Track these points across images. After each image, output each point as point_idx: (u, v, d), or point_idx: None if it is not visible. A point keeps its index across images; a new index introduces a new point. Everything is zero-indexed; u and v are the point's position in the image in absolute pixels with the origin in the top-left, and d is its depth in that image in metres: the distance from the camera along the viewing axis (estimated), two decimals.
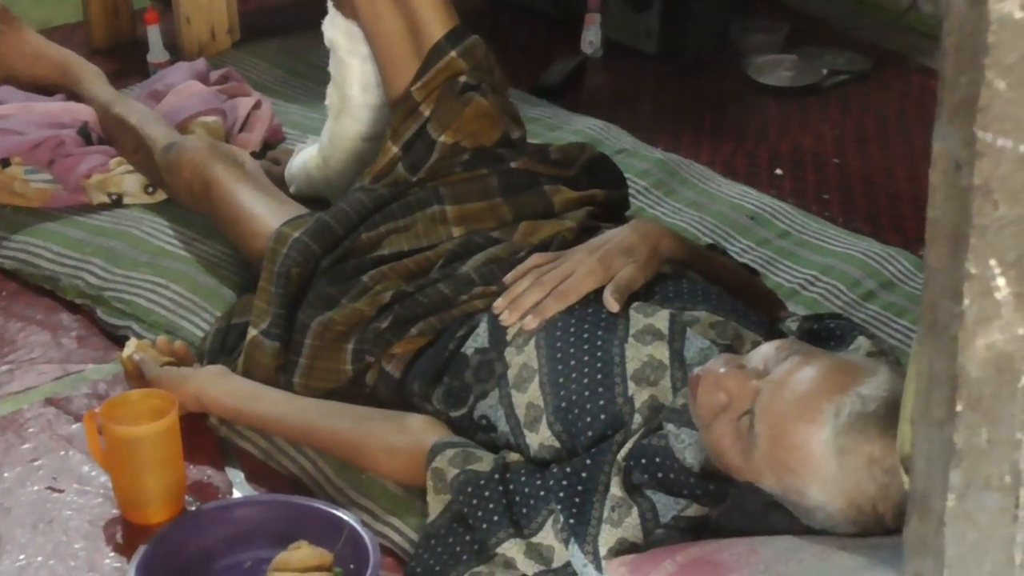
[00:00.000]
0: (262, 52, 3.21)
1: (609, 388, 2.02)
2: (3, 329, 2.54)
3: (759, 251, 2.58)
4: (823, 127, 3.05)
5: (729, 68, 3.29)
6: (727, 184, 2.84)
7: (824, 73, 3.20)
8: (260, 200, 2.54)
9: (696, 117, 3.09)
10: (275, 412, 2.22)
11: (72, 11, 3.45)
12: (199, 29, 3.22)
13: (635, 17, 3.28)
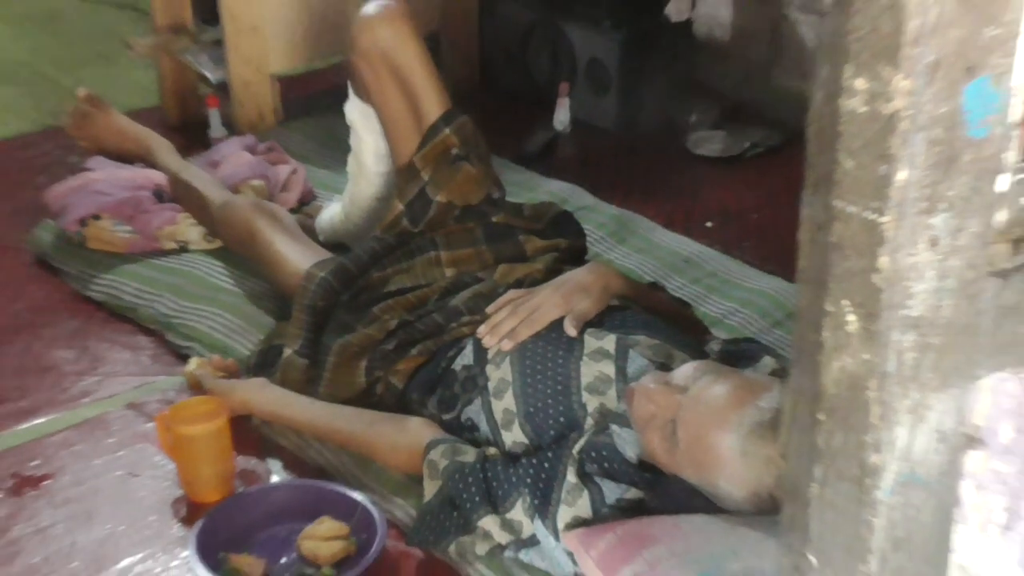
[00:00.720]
0: (298, 129, 3.23)
1: (567, 397, 2.03)
2: (94, 348, 2.54)
3: (691, 287, 2.58)
4: (744, 189, 3.06)
5: (671, 142, 3.29)
6: (668, 234, 2.84)
7: (746, 146, 3.20)
8: (293, 247, 2.54)
9: (645, 180, 3.10)
10: (304, 415, 2.23)
11: (151, 97, 3.47)
12: (249, 111, 3.23)
13: (596, 100, 3.29)
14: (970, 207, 0.97)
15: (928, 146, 0.92)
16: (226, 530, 2.00)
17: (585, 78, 3.30)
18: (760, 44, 3.41)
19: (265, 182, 2.88)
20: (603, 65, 3.25)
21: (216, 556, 1.95)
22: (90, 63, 3.74)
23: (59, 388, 2.43)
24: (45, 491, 2.17)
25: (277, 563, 1.99)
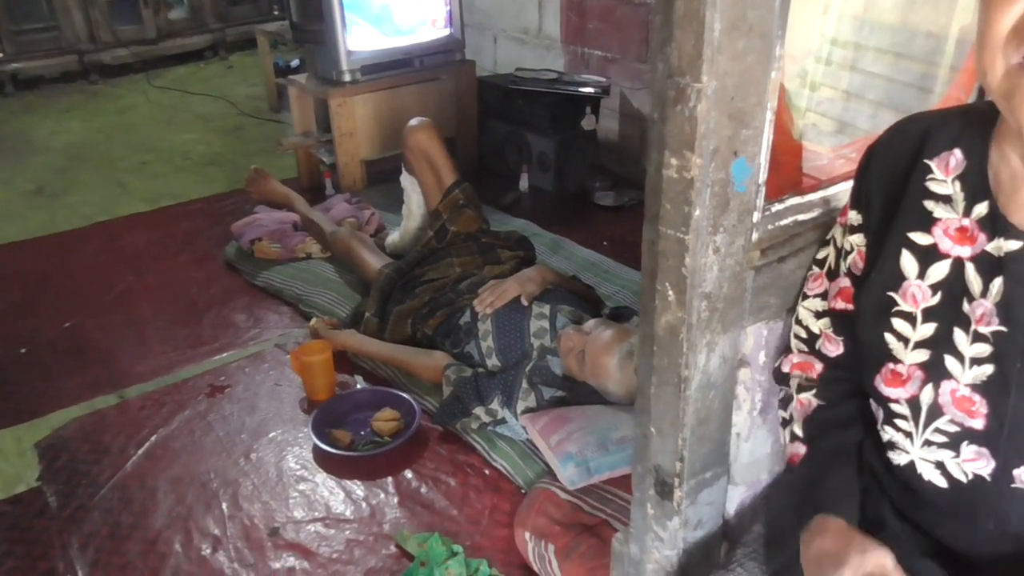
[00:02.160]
0: (376, 190, 3.17)
1: (522, 340, 2.01)
2: (257, 313, 2.51)
3: (595, 279, 2.53)
4: (624, 224, 3.00)
5: (584, 198, 3.21)
6: (582, 249, 2.79)
7: (625, 200, 3.15)
8: (371, 256, 2.50)
9: (569, 219, 3.03)
10: (376, 350, 2.21)
11: (292, 172, 3.42)
12: (348, 180, 3.19)
13: (543, 175, 3.26)
14: (738, 230, 0.96)
15: (711, 197, 0.91)
16: (330, 416, 2.00)
17: (536, 163, 3.26)
18: (634, 142, 3.39)
19: (356, 219, 2.85)
20: (547, 155, 3.21)
21: (324, 430, 1.94)
22: (260, 153, 3.70)
23: (237, 336, 2.40)
24: (227, 395, 2.14)
25: (359, 434, 1.97)
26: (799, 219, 1.04)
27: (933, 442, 0.85)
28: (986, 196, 0.81)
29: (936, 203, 0.84)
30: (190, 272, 2.76)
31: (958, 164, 0.83)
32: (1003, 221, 0.80)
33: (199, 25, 5.00)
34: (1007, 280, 0.79)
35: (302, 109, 3.34)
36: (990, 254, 0.80)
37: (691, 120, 0.85)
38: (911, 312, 0.85)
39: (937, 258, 0.84)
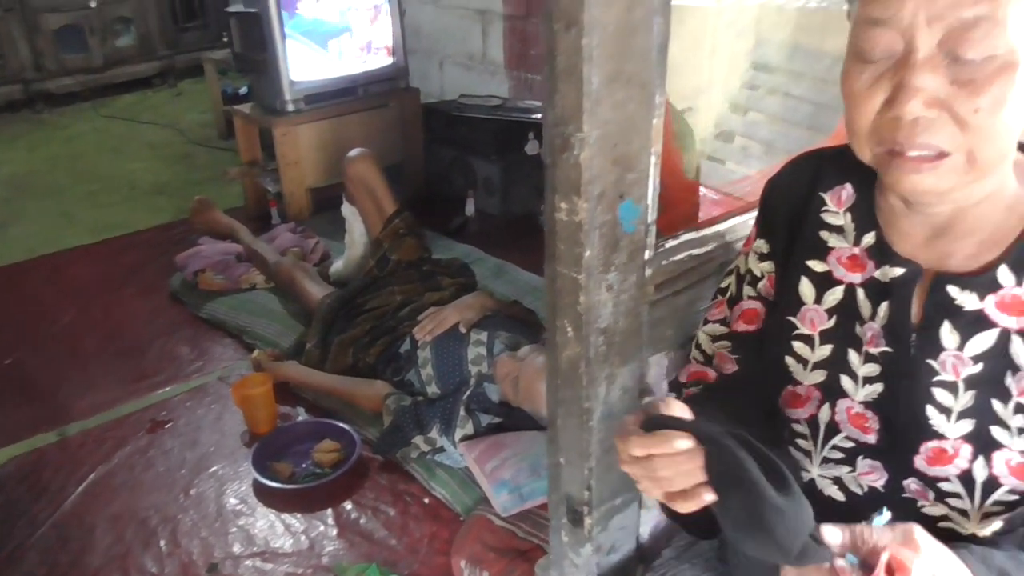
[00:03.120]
0: (321, 218, 3.15)
1: (460, 367, 2.04)
2: (201, 346, 2.51)
3: (536, 303, 2.47)
4: None
5: (528, 221, 3.15)
6: (524, 273, 2.79)
7: None
8: (314, 286, 2.52)
9: (513, 244, 3.01)
10: (318, 381, 2.21)
11: (239, 201, 3.43)
12: (293, 209, 3.19)
13: (488, 199, 3.29)
14: (629, 268, 1.00)
15: (600, 238, 0.95)
16: (271, 448, 2.01)
17: (482, 187, 3.29)
18: None
19: (300, 249, 2.87)
20: (492, 180, 3.25)
21: (264, 464, 1.95)
22: (208, 181, 3.70)
23: (180, 369, 2.39)
24: (169, 430, 2.15)
25: (299, 466, 1.98)
26: (694, 253, 1.09)
27: (831, 459, 0.90)
28: (873, 227, 0.87)
29: (830, 233, 0.90)
30: (135, 304, 2.75)
31: (849, 197, 0.89)
32: (888, 250, 0.85)
33: (147, 52, 4.98)
34: (892, 304, 0.84)
35: (247, 138, 3.35)
36: (878, 280, 0.86)
37: (576, 167, 0.89)
38: (810, 335, 0.91)
39: (832, 284, 0.89)
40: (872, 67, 0.73)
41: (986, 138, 0.71)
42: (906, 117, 0.71)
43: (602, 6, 0.82)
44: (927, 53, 0.70)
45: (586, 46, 0.83)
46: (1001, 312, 0.79)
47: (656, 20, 0.88)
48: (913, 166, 0.73)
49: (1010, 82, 0.69)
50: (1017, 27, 0.68)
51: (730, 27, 2.68)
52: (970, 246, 0.81)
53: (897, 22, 0.70)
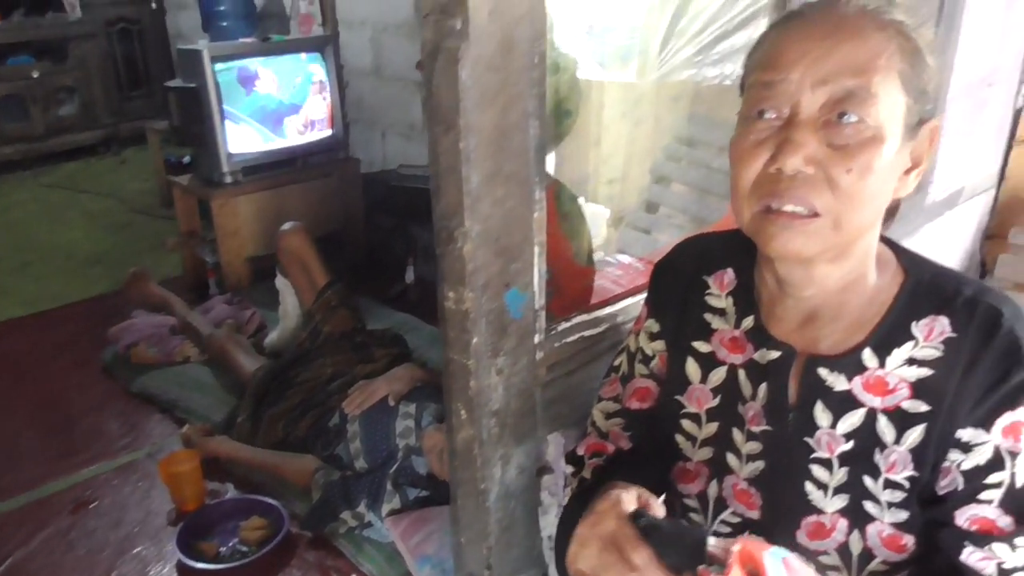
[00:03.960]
0: (258, 289, 3.13)
1: (388, 440, 2.04)
2: (131, 421, 2.47)
3: None
4: None
5: None
6: None
7: None
8: (247, 358, 2.52)
9: None
10: (248, 456, 2.20)
11: (178, 270, 3.43)
12: (232, 279, 3.19)
13: (428, 265, 3.31)
14: (519, 352, 1.04)
15: (487, 325, 0.99)
16: (197, 527, 1.97)
17: (422, 254, 3.32)
18: None
19: (235, 320, 2.87)
20: (431, 247, 3.25)
21: (189, 543, 1.92)
22: (148, 251, 3.69)
23: (109, 446, 2.35)
24: (93, 510, 2.10)
25: (227, 545, 1.95)
26: (586, 335, 1.13)
27: (721, 533, 0.93)
28: (752, 311, 0.93)
29: (713, 315, 0.95)
30: (66, 379, 2.71)
31: (731, 281, 0.95)
32: (765, 333, 0.91)
33: (91, 121, 4.99)
34: (770, 385, 0.89)
35: (186, 208, 3.36)
36: (757, 362, 0.91)
37: (460, 258, 0.94)
38: (697, 413, 0.95)
39: (716, 365, 0.94)
40: (760, 128, 0.80)
41: (853, 204, 0.77)
42: (787, 170, 0.77)
43: (478, 111, 0.88)
44: (810, 115, 0.77)
45: (464, 148, 0.89)
46: (867, 392, 0.84)
47: (532, 123, 0.94)
48: (786, 222, 0.78)
49: (877, 153, 0.76)
50: (887, 107, 0.76)
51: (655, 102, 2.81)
52: (837, 331, 0.87)
53: (786, 85, 0.78)
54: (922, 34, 0.79)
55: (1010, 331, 0.80)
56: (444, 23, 0.84)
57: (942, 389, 0.82)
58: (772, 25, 0.83)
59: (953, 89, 1.86)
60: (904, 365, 0.84)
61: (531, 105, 0.93)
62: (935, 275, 0.87)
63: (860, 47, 0.76)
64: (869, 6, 0.78)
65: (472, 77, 0.85)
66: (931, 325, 0.83)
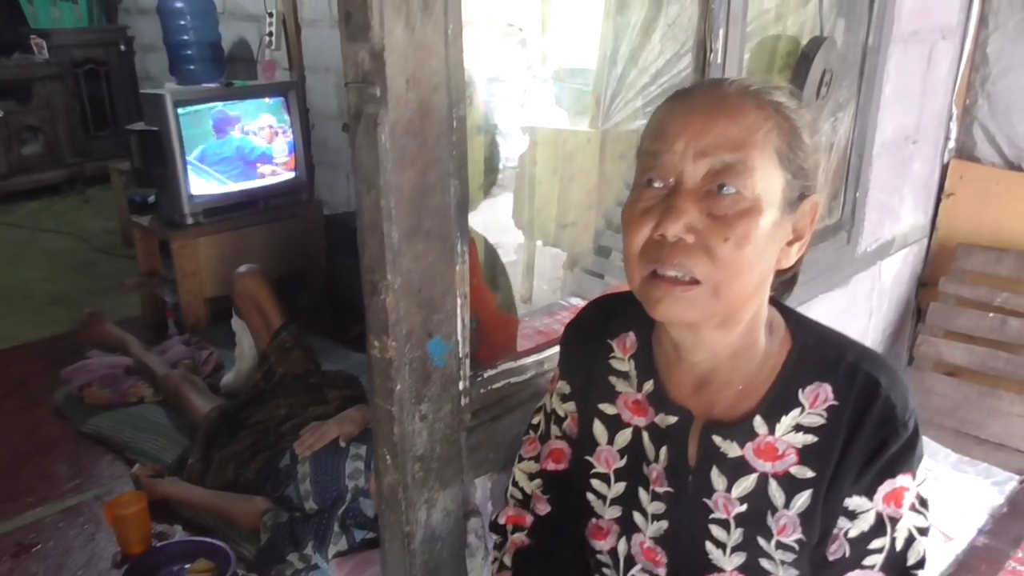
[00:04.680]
0: (221, 327, 3.02)
1: (338, 482, 2.04)
2: (80, 462, 2.45)
3: None
4: None
5: None
6: None
7: None
8: (200, 399, 2.51)
9: None
10: (197, 497, 2.18)
11: (137, 310, 3.42)
12: (191, 319, 3.19)
13: None
14: (443, 399, 1.08)
15: (410, 372, 1.03)
16: (142, 570, 1.94)
17: None
18: None
19: (192, 361, 2.87)
20: None
21: None
22: (108, 291, 3.68)
23: (55, 488, 2.33)
24: (35, 554, 2.07)
25: None
26: (512, 381, 1.18)
27: None
28: (653, 375, 0.94)
29: (618, 378, 0.98)
30: (16, 420, 2.69)
31: (632, 345, 0.98)
32: (665, 397, 0.93)
33: (55, 160, 4.98)
34: (670, 448, 0.92)
35: (146, 249, 3.38)
36: (657, 425, 0.94)
37: (383, 309, 0.99)
38: (606, 473, 0.98)
39: (622, 426, 0.97)
40: (648, 196, 0.83)
41: (731, 272, 0.80)
42: (669, 237, 0.80)
43: (397, 172, 0.93)
44: (692, 185, 0.80)
45: (384, 206, 0.94)
46: (758, 458, 0.88)
47: (452, 182, 0.99)
48: (667, 288, 0.81)
49: (754, 224, 0.79)
50: (764, 181, 0.80)
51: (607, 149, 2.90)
52: (730, 397, 0.90)
53: (671, 156, 0.81)
54: (801, 115, 0.83)
55: (887, 400, 0.83)
56: (365, 90, 0.90)
57: (826, 456, 0.85)
58: (664, 100, 0.87)
59: (876, 146, 1.96)
60: (792, 432, 0.87)
61: (451, 166, 0.99)
62: (819, 341, 0.90)
63: (738, 124, 0.80)
64: (752, 87, 0.83)
65: (391, 140, 0.91)
66: (816, 392, 0.86)
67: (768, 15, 1.70)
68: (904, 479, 0.84)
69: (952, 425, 2.18)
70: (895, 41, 1.91)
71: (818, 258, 1.88)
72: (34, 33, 4.84)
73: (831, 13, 1.79)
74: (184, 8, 4.14)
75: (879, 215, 2.11)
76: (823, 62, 1.62)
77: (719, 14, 1.38)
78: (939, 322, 2.30)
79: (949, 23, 2.18)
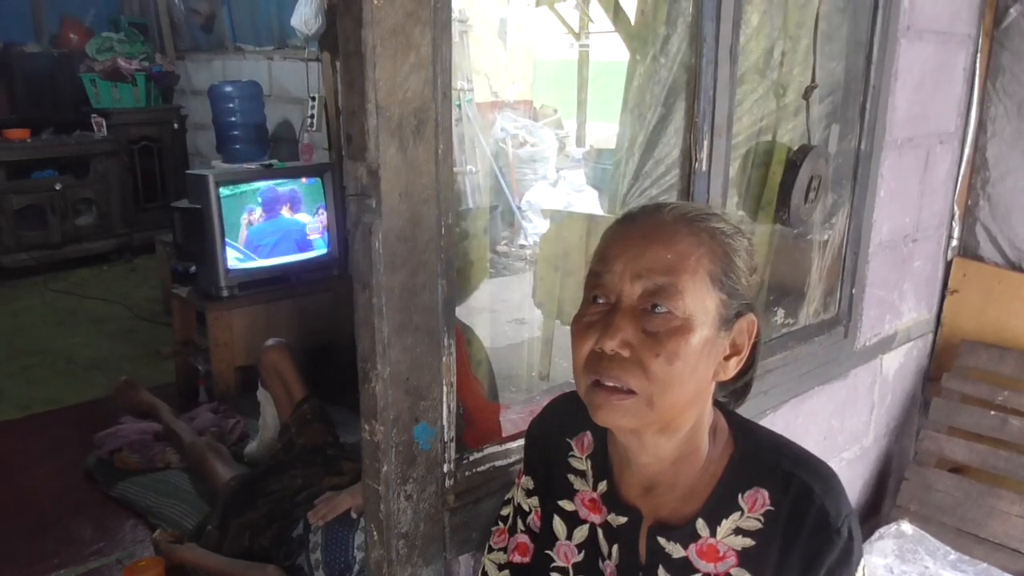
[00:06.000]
0: (247, 398, 3.16)
1: (347, 553, 2.09)
2: (105, 525, 2.55)
3: None
4: None
5: None
6: None
7: None
8: (223, 467, 2.60)
9: None
10: (213, 564, 2.24)
11: (171, 377, 3.56)
12: (222, 387, 3.32)
13: None
14: (427, 480, 1.16)
15: (397, 455, 1.12)
16: None
17: None
18: None
19: (218, 429, 2.98)
20: None
21: None
22: (146, 356, 3.86)
23: (79, 551, 2.42)
24: None
25: None
26: (497, 464, 1.26)
27: None
28: (606, 475, 1.00)
29: (576, 476, 1.03)
30: (49, 483, 2.81)
31: (589, 444, 1.04)
32: (616, 498, 0.98)
33: (106, 230, 5.26)
34: (620, 547, 0.98)
35: (184, 319, 3.55)
36: (610, 524, 0.99)
37: (373, 396, 1.09)
38: (564, 567, 1.04)
39: (579, 523, 1.03)
40: (593, 311, 0.89)
41: (663, 386, 0.85)
42: (607, 350, 0.86)
43: (389, 273, 1.05)
44: (629, 303, 0.87)
45: (376, 303, 1.05)
46: (701, 559, 0.93)
47: (440, 282, 1.11)
48: (605, 396, 0.87)
49: (685, 342, 0.85)
50: (694, 300, 0.86)
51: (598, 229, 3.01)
52: (675, 500, 0.95)
53: (611, 276, 0.88)
54: (736, 240, 0.91)
55: (821, 507, 0.87)
56: (362, 202, 1.02)
57: (763, 560, 0.89)
58: (611, 224, 0.95)
59: (873, 244, 2.04)
60: (732, 535, 0.91)
61: (439, 268, 1.10)
62: (758, 447, 0.94)
63: (671, 249, 0.86)
64: (688, 214, 0.90)
65: (384, 246, 1.03)
66: (755, 496, 0.90)
67: (762, 123, 1.82)
68: None
69: (953, 523, 2.18)
70: (888, 147, 2.00)
71: (814, 351, 1.95)
72: (95, 112, 5.18)
73: (822, 122, 1.90)
74: (233, 92, 4.44)
75: (878, 310, 2.16)
76: (810, 169, 1.72)
77: (703, 126, 1.50)
78: (942, 418, 2.32)
79: (947, 129, 2.27)
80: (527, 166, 6.22)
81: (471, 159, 5.40)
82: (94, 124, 5.16)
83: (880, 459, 2.42)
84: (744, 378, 0.99)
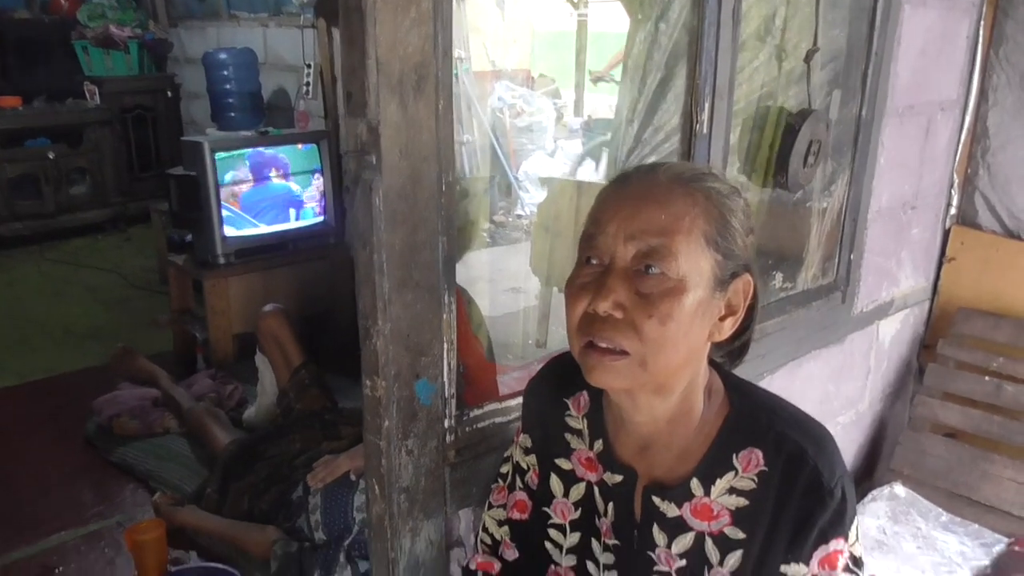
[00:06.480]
0: (244, 365, 3.20)
1: (346, 515, 2.13)
2: (105, 490, 2.59)
3: None
4: None
5: None
6: None
7: None
8: (222, 432, 2.64)
9: None
10: (213, 526, 2.29)
11: (168, 345, 3.58)
12: (219, 355, 3.33)
13: None
14: (428, 435, 1.18)
15: (398, 410, 1.14)
16: None
17: None
18: None
19: (216, 395, 3.00)
20: None
21: None
22: (143, 326, 3.87)
23: (79, 514, 2.46)
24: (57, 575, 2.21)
25: None
26: (497, 421, 1.28)
27: None
28: (602, 434, 1.01)
29: (572, 435, 1.05)
30: (48, 448, 2.84)
31: (585, 404, 1.05)
32: (612, 457, 0.99)
33: (100, 200, 5.25)
34: (616, 505, 1.00)
35: (180, 287, 3.56)
36: (605, 482, 1.00)
37: (375, 352, 1.10)
38: (562, 524, 1.06)
39: (576, 481, 1.05)
40: (587, 273, 0.90)
41: (656, 348, 0.86)
42: (600, 312, 0.86)
43: (389, 231, 1.06)
44: (622, 265, 0.87)
45: (376, 261, 1.06)
46: (695, 518, 0.94)
47: (440, 239, 1.12)
48: (598, 358, 0.88)
49: (677, 303, 0.85)
50: (688, 262, 0.86)
51: None
52: (669, 459, 0.96)
53: (604, 238, 0.88)
54: (731, 201, 0.90)
55: (813, 468, 0.87)
56: (363, 158, 1.03)
57: (756, 519, 0.90)
58: (605, 185, 0.95)
59: (872, 212, 2.05)
60: (726, 494, 0.92)
61: (440, 225, 1.11)
62: (753, 407, 0.95)
63: (665, 210, 0.86)
64: (683, 175, 0.90)
65: (384, 204, 1.03)
66: (749, 457, 0.91)
67: (763, 89, 1.82)
68: (837, 543, 0.88)
69: (945, 486, 2.21)
70: (890, 114, 2.01)
71: (811, 316, 1.96)
72: (88, 80, 5.14)
73: (824, 88, 1.90)
74: (227, 59, 4.40)
75: (876, 277, 2.18)
76: (809, 133, 1.73)
77: (704, 89, 1.50)
78: (937, 384, 2.35)
79: (948, 97, 2.27)
80: (524, 136, 6.20)
81: (468, 129, 5.38)
82: (87, 92, 5.13)
83: (875, 423, 2.45)
84: (741, 339, 1.00)
